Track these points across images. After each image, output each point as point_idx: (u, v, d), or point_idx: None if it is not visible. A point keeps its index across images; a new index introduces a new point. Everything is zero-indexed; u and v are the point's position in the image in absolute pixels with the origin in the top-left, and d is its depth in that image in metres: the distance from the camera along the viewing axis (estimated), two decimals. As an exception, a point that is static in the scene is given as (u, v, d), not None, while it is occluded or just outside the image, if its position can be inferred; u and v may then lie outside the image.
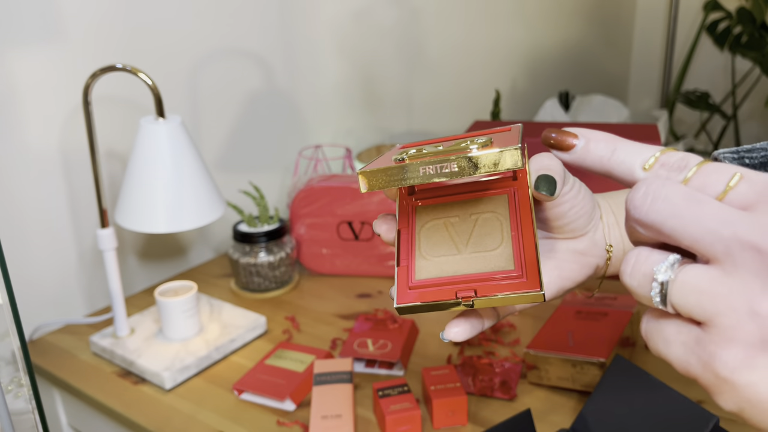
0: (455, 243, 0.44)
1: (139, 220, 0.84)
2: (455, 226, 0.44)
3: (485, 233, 0.43)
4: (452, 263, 0.43)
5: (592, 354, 0.76)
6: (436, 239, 0.44)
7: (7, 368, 0.55)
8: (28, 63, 0.90)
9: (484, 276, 0.41)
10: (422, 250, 0.44)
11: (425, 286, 0.42)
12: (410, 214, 0.46)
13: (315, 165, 1.24)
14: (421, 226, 0.45)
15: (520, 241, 0.42)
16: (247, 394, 0.81)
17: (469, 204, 0.45)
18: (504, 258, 0.42)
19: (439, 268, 0.43)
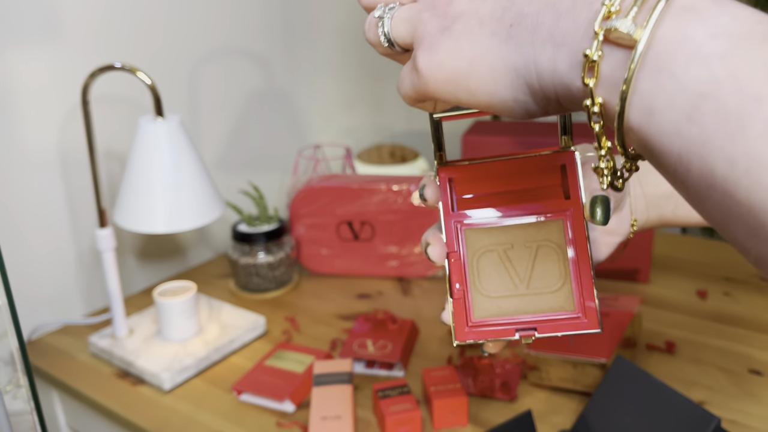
0: (513, 279, 0.43)
1: (137, 220, 0.84)
2: (511, 257, 0.43)
3: (544, 270, 0.43)
4: (512, 302, 0.43)
5: (593, 355, 0.76)
6: (492, 272, 0.43)
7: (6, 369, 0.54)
8: (26, 62, 0.90)
9: (544, 317, 0.42)
10: (478, 285, 0.43)
11: (484, 325, 0.42)
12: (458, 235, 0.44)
13: (315, 165, 1.23)
14: (473, 254, 0.44)
15: (579, 277, 0.42)
16: (247, 395, 0.81)
17: (522, 230, 0.44)
18: (564, 298, 0.42)
19: (498, 307, 0.43)
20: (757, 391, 0.79)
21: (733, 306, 0.98)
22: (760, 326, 0.92)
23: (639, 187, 0.49)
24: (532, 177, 0.44)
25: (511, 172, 0.45)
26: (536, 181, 0.44)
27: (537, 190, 0.44)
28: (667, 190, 0.48)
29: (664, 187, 0.48)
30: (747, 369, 0.83)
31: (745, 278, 1.06)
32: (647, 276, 1.05)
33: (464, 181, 0.45)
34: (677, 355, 0.86)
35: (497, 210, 0.44)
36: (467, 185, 0.45)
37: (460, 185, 0.45)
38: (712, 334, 0.91)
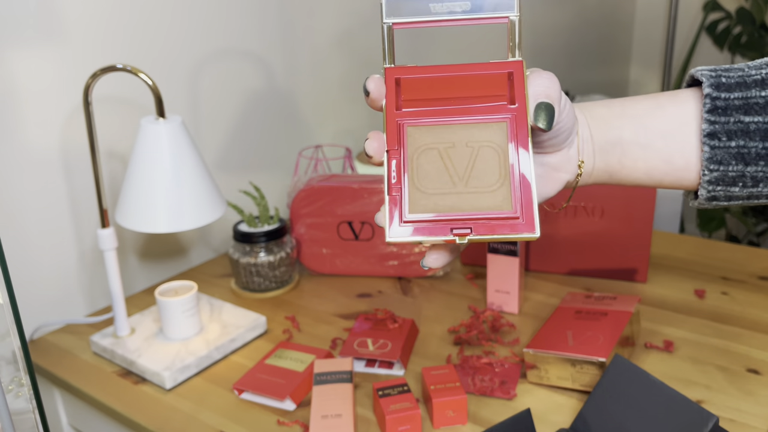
0: (451, 176, 0.42)
1: (139, 220, 0.84)
2: (451, 156, 0.43)
3: (484, 169, 0.42)
4: (448, 199, 0.42)
5: (591, 353, 0.76)
6: (431, 170, 0.43)
7: (8, 368, 0.54)
8: (29, 63, 0.91)
9: (481, 215, 0.41)
10: (416, 181, 0.43)
11: (419, 221, 0.42)
12: (400, 133, 0.44)
13: (315, 165, 1.24)
14: (413, 152, 0.43)
15: (519, 179, 0.42)
16: (248, 393, 0.81)
17: (465, 130, 0.44)
18: (502, 197, 0.42)
19: (434, 203, 0.42)
20: (755, 389, 0.79)
21: (730, 305, 0.98)
22: (758, 325, 0.93)
23: (587, 129, 0.50)
24: (479, 84, 0.45)
25: (459, 79, 0.45)
26: (483, 88, 0.45)
27: (484, 96, 0.44)
28: (614, 136, 0.50)
29: (612, 133, 0.50)
30: (745, 368, 0.83)
31: (743, 278, 1.06)
32: (645, 275, 1.05)
33: (411, 83, 0.45)
34: (675, 354, 0.87)
35: (442, 111, 0.44)
36: (414, 88, 0.45)
37: (407, 87, 0.45)
38: (710, 333, 0.91)
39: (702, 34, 2.36)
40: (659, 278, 1.07)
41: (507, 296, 0.97)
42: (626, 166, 0.50)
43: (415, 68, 0.45)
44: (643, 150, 0.49)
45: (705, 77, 0.48)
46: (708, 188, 0.48)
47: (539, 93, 0.44)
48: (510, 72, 0.44)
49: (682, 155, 0.49)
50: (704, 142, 0.47)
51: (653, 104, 0.50)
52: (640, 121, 0.49)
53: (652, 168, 0.50)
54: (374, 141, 0.44)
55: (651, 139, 0.49)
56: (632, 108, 0.50)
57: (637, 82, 2.65)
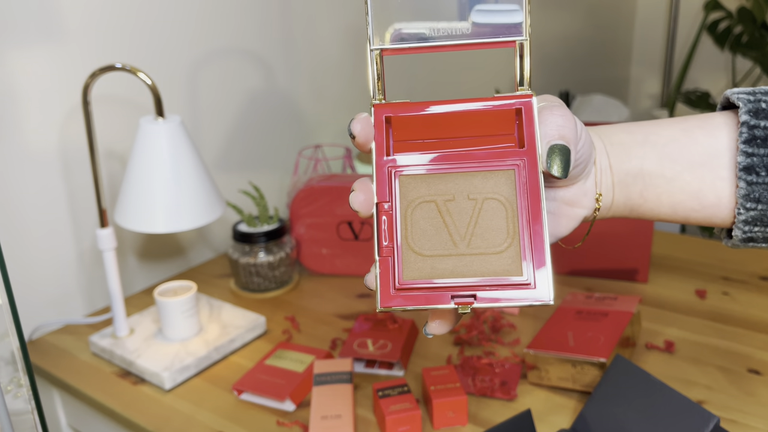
0: (451, 235, 0.37)
1: (138, 220, 0.84)
2: (451, 211, 0.37)
3: (488, 227, 0.37)
4: (448, 262, 0.36)
5: (592, 354, 0.76)
6: (427, 227, 0.37)
7: (7, 368, 0.54)
8: (28, 63, 0.90)
9: (486, 282, 0.36)
10: (410, 241, 0.37)
11: (414, 288, 0.36)
12: (392, 182, 0.38)
13: (315, 165, 1.23)
14: (407, 205, 0.38)
15: (530, 237, 0.36)
16: (247, 394, 0.81)
17: (467, 180, 0.38)
18: (510, 260, 0.36)
19: (432, 267, 0.36)
20: (756, 390, 0.79)
21: (732, 305, 0.98)
22: (759, 326, 0.92)
23: (606, 158, 0.45)
24: (482, 123, 0.39)
25: (460, 117, 0.39)
26: (487, 128, 0.39)
27: (487, 137, 0.39)
28: (635, 167, 0.44)
29: (633, 163, 0.44)
30: (746, 368, 0.83)
31: (744, 278, 1.06)
32: (646, 276, 1.05)
33: (404, 123, 0.39)
34: (676, 355, 0.86)
35: (439, 157, 0.38)
36: (407, 128, 0.39)
37: (399, 127, 0.39)
38: (711, 333, 0.91)
39: (703, 34, 2.35)
40: (660, 278, 1.06)
41: (507, 296, 0.97)
42: (649, 200, 0.45)
43: (408, 105, 0.39)
44: (668, 183, 0.44)
45: (742, 101, 0.42)
46: (744, 229, 0.42)
47: (552, 134, 0.38)
48: (518, 108, 0.38)
49: (714, 190, 0.43)
50: (740, 177, 0.41)
51: (680, 131, 0.44)
52: (665, 150, 0.44)
53: (678, 203, 0.44)
54: (360, 193, 0.38)
55: (677, 171, 0.43)
56: (656, 134, 0.44)
57: (638, 82, 2.65)
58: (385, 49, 0.39)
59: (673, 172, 0.43)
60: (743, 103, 0.42)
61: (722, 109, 0.46)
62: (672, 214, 0.45)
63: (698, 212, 0.44)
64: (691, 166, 0.43)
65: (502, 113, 0.38)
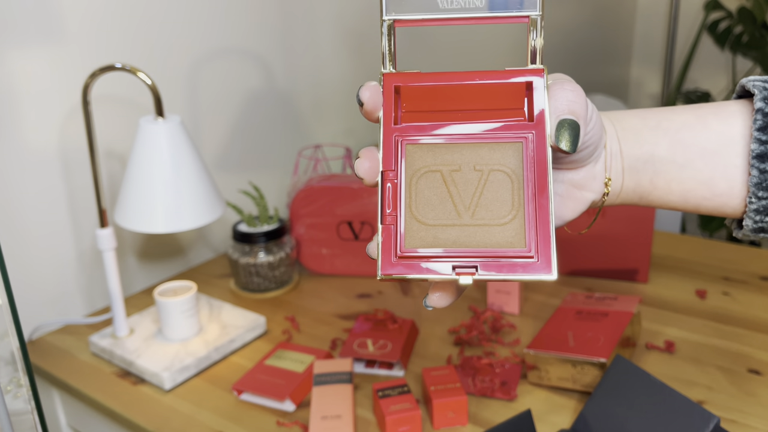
0: (456, 205, 0.37)
1: (138, 220, 0.84)
2: (456, 181, 0.37)
3: (493, 198, 0.37)
4: (451, 232, 0.36)
5: (592, 354, 0.76)
6: (432, 197, 0.37)
7: (7, 368, 0.54)
8: (27, 63, 0.90)
9: (488, 252, 0.36)
10: (414, 209, 0.37)
11: (416, 257, 0.36)
12: (398, 151, 0.38)
13: (315, 165, 1.23)
14: (412, 174, 0.38)
15: (535, 211, 0.36)
16: (247, 394, 0.81)
17: (474, 151, 0.38)
18: (514, 232, 0.36)
19: (434, 237, 0.36)
20: (756, 390, 0.79)
21: (732, 306, 0.98)
22: (759, 326, 0.92)
23: (617, 142, 0.44)
24: (493, 95, 0.39)
25: (470, 89, 0.39)
26: (497, 101, 0.39)
27: (497, 110, 0.39)
28: (646, 153, 0.43)
29: (644, 149, 0.43)
30: (746, 368, 0.83)
31: (744, 278, 1.06)
32: (646, 276, 1.05)
33: (413, 93, 0.39)
34: (676, 355, 0.86)
35: (447, 127, 0.38)
36: (416, 98, 0.39)
37: (408, 97, 0.39)
38: (711, 333, 0.91)
39: (703, 34, 2.35)
40: (660, 278, 1.06)
41: (507, 297, 0.97)
42: (659, 187, 0.44)
43: (417, 75, 0.39)
44: (679, 170, 0.43)
45: (757, 89, 0.42)
46: (755, 218, 0.42)
47: (562, 108, 0.38)
48: (529, 82, 0.38)
49: (725, 178, 0.42)
50: (753, 165, 0.41)
51: (694, 117, 0.43)
52: (677, 137, 0.43)
53: (689, 191, 0.43)
54: (366, 161, 0.38)
55: (689, 158, 0.43)
56: (669, 120, 0.44)
57: (638, 82, 2.65)
58: (397, 20, 0.39)
59: (685, 158, 0.43)
60: (758, 90, 0.41)
61: (738, 98, 0.45)
62: (682, 203, 0.44)
63: (709, 201, 0.43)
64: (703, 153, 0.42)
65: (512, 87, 0.38)
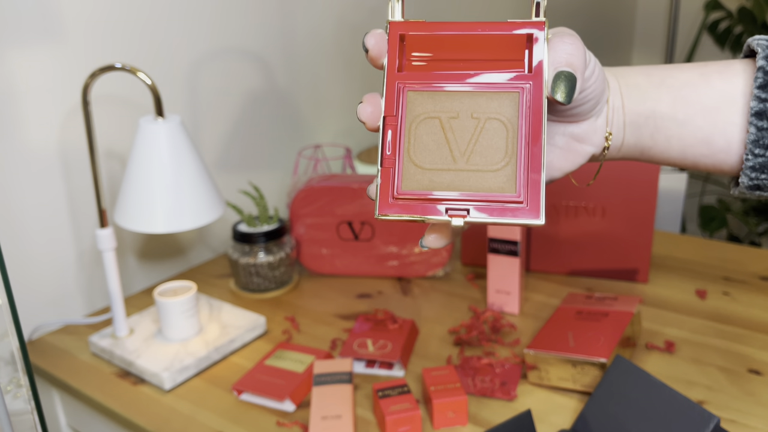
0: (452, 151, 0.38)
1: (138, 220, 0.84)
2: (454, 127, 0.39)
3: (488, 145, 0.38)
4: (446, 176, 0.38)
5: (592, 354, 0.76)
6: (429, 142, 0.39)
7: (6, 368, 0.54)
8: (27, 62, 0.90)
9: (480, 196, 0.37)
10: (412, 153, 0.39)
11: (411, 198, 0.38)
12: (400, 97, 0.39)
13: (315, 165, 1.23)
14: (412, 120, 0.39)
15: (527, 158, 0.37)
16: (247, 394, 0.81)
17: (472, 99, 0.39)
18: (505, 178, 0.37)
19: (430, 180, 0.38)
20: (756, 390, 0.79)
21: (732, 306, 0.98)
22: (760, 326, 0.92)
23: (620, 98, 0.44)
24: (494, 46, 0.40)
25: (472, 39, 0.40)
26: (498, 51, 0.40)
27: (497, 60, 0.40)
28: (648, 109, 0.44)
29: (646, 105, 0.44)
30: (746, 368, 0.83)
31: (745, 278, 1.06)
32: (646, 276, 1.05)
33: (417, 41, 0.40)
34: (676, 355, 0.86)
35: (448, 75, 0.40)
36: (420, 46, 0.40)
37: (412, 45, 0.40)
38: (711, 333, 0.91)
39: (703, 34, 2.35)
40: (660, 278, 1.06)
41: (507, 297, 0.97)
42: (659, 142, 0.45)
43: (423, 24, 0.40)
44: (679, 127, 0.44)
45: (761, 47, 0.42)
46: (751, 175, 0.42)
47: (560, 60, 0.39)
48: (530, 34, 0.39)
49: (724, 135, 0.43)
50: (751, 122, 0.41)
51: (698, 75, 0.44)
52: (679, 93, 0.44)
53: (688, 147, 0.44)
54: (368, 105, 0.40)
55: (690, 115, 0.43)
56: (674, 78, 0.44)
57: (638, 82, 2.65)
58: None
59: (686, 115, 0.43)
60: (762, 49, 0.42)
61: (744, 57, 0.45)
62: (681, 159, 0.45)
63: (707, 158, 0.44)
64: (703, 110, 0.43)
65: (513, 38, 0.40)
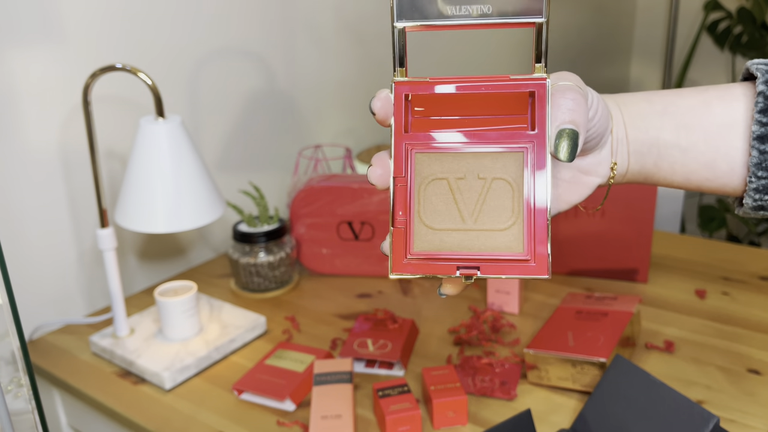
0: (460, 212, 0.40)
1: (138, 220, 0.84)
2: (461, 188, 0.40)
3: (495, 205, 0.40)
4: (456, 237, 0.40)
5: (592, 354, 0.76)
6: (439, 203, 0.40)
7: (7, 368, 0.54)
8: (28, 63, 0.90)
9: (489, 256, 0.39)
10: (422, 215, 0.40)
11: (424, 258, 0.40)
12: (408, 159, 0.41)
13: (315, 165, 1.23)
14: (421, 182, 0.41)
15: (533, 217, 0.39)
16: (247, 394, 0.81)
17: (478, 160, 0.40)
18: (513, 237, 0.39)
19: (441, 240, 0.40)
20: (755, 390, 0.79)
21: (731, 305, 0.98)
22: (759, 326, 0.92)
23: (623, 128, 0.46)
24: (498, 104, 0.41)
25: (476, 98, 0.41)
26: (501, 108, 0.41)
27: (501, 118, 0.41)
28: (651, 137, 0.45)
29: (650, 133, 0.45)
30: (746, 368, 0.83)
31: (744, 278, 1.06)
32: (646, 276, 1.05)
33: (423, 100, 0.41)
34: (676, 355, 0.86)
35: (454, 136, 0.41)
36: (425, 106, 0.42)
37: (418, 105, 0.42)
38: (710, 333, 0.91)
39: (702, 34, 2.35)
40: (660, 278, 1.06)
41: (507, 296, 0.97)
42: (663, 169, 0.46)
43: (426, 83, 0.41)
44: (683, 153, 0.45)
45: (760, 72, 0.43)
46: (755, 197, 0.43)
47: (562, 118, 0.39)
48: (532, 92, 0.40)
49: (726, 160, 0.44)
50: (753, 146, 0.42)
51: (699, 101, 0.45)
52: (682, 121, 0.45)
53: (692, 173, 0.45)
54: (378, 168, 0.41)
55: (693, 141, 0.44)
56: (676, 105, 0.45)
57: (638, 82, 2.65)
58: (408, 26, 0.41)
59: (689, 142, 0.44)
60: (761, 74, 0.43)
61: (743, 80, 0.46)
62: (685, 183, 0.46)
63: (711, 181, 0.45)
64: (706, 136, 0.44)
65: (517, 96, 0.41)
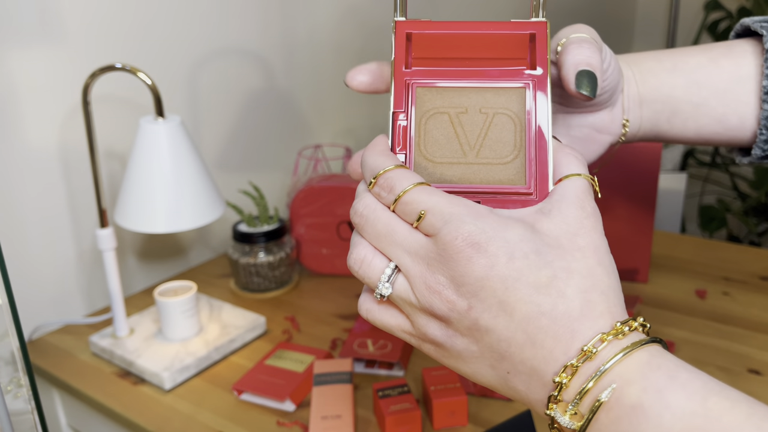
0: (462, 145, 0.39)
1: (138, 220, 0.84)
2: (463, 123, 0.40)
3: (497, 139, 0.39)
4: (456, 170, 0.39)
5: (592, 354, 0.76)
6: (439, 136, 0.40)
7: (7, 368, 0.54)
8: (27, 62, 0.90)
9: (491, 189, 0.38)
10: (422, 148, 0.40)
11: None
12: (409, 94, 0.41)
13: (315, 165, 1.23)
14: (422, 115, 0.40)
15: (535, 151, 0.38)
16: (247, 394, 0.81)
17: (480, 95, 0.40)
18: (515, 171, 0.38)
19: (441, 173, 0.39)
20: (756, 390, 0.79)
21: (732, 306, 0.98)
22: (759, 326, 0.92)
23: (635, 86, 0.46)
24: (498, 45, 0.41)
25: (476, 38, 0.41)
26: (502, 50, 0.41)
27: (502, 59, 0.41)
28: (664, 95, 0.46)
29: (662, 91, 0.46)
30: (746, 368, 0.83)
31: (744, 278, 1.06)
32: (646, 276, 1.05)
33: (423, 39, 0.42)
34: (676, 355, 0.86)
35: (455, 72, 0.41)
36: (426, 45, 0.42)
37: (419, 44, 0.42)
38: (711, 333, 0.91)
39: (703, 34, 2.35)
40: (660, 278, 1.06)
41: (507, 296, 0.97)
42: (675, 125, 0.47)
43: (428, 23, 0.42)
44: (694, 109, 0.46)
45: (765, 29, 0.44)
46: (764, 148, 0.45)
47: (581, 61, 0.41)
48: (532, 33, 0.41)
49: (737, 114, 0.45)
50: (764, 99, 0.44)
51: (707, 59, 0.46)
52: (692, 77, 0.46)
53: (703, 127, 0.46)
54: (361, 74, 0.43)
55: (704, 97, 0.46)
56: (684, 62, 0.46)
57: (638, 82, 2.65)
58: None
59: (700, 98, 0.46)
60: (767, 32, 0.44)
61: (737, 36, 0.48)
62: (696, 137, 0.47)
63: (721, 135, 0.46)
64: (716, 92, 0.45)
65: (517, 37, 0.41)
